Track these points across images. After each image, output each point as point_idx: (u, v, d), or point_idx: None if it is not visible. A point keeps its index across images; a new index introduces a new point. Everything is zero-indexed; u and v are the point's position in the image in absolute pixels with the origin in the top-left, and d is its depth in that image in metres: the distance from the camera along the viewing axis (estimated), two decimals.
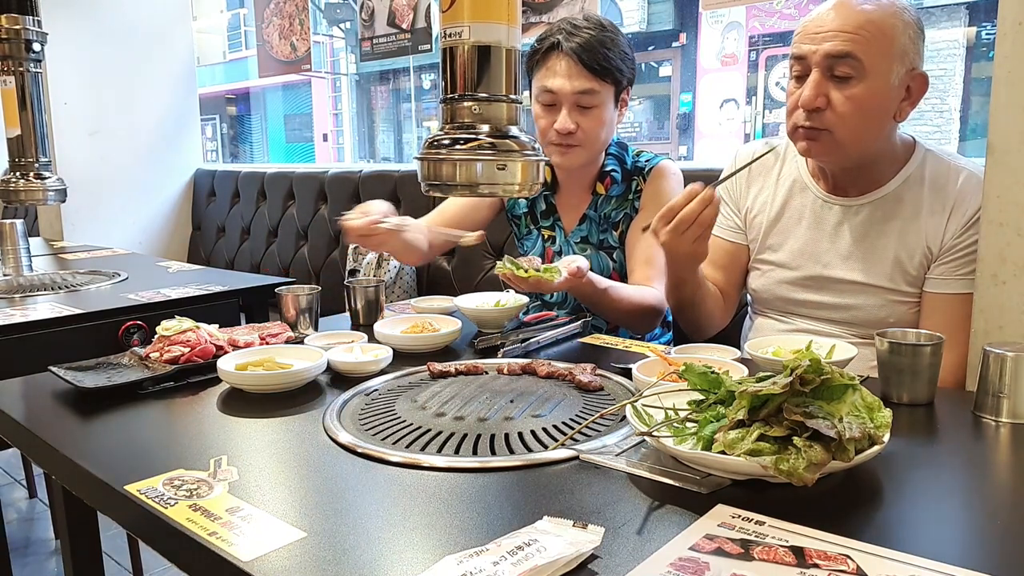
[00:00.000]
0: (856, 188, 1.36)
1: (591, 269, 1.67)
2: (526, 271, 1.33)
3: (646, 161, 1.72)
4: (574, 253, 1.71)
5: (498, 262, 1.39)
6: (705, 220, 1.22)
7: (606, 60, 1.56)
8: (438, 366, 1.20)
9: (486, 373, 1.21)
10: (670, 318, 1.76)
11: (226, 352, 1.26)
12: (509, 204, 1.84)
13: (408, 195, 2.69)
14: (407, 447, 0.92)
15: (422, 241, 1.63)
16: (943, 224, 1.29)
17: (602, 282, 1.47)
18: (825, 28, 1.23)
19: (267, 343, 1.33)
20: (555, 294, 1.75)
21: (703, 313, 1.47)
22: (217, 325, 1.34)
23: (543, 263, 1.40)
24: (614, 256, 1.71)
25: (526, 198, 1.79)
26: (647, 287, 1.57)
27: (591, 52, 1.54)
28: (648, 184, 1.68)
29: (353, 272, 2.66)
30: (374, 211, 1.46)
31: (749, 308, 1.60)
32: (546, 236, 1.78)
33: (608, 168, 1.70)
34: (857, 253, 1.35)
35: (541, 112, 1.62)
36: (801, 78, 1.27)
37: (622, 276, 1.68)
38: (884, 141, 1.30)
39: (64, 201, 2.34)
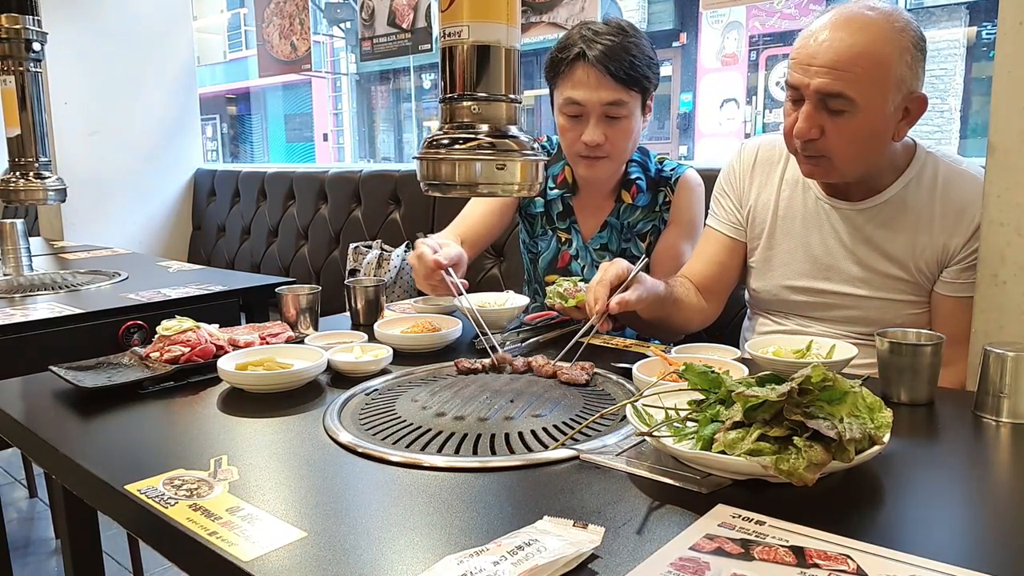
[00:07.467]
0: (858, 192, 1.36)
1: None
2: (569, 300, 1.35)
3: (671, 170, 1.68)
4: (592, 260, 1.69)
5: (548, 291, 1.42)
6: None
7: (632, 68, 1.50)
8: (466, 363, 1.21)
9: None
10: None
11: (226, 352, 1.26)
12: (524, 202, 1.78)
13: (408, 195, 2.69)
14: (407, 447, 0.92)
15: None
16: (954, 229, 1.28)
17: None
18: (818, 61, 1.20)
19: (267, 343, 1.33)
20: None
21: (674, 326, 1.49)
22: (217, 325, 1.34)
23: (579, 281, 1.42)
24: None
25: (535, 196, 1.76)
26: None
27: (617, 61, 1.48)
28: (676, 197, 1.66)
29: (353, 272, 2.66)
30: (444, 256, 1.46)
31: (748, 308, 1.59)
32: (562, 239, 1.73)
33: (633, 176, 1.66)
34: (857, 256, 1.35)
35: (567, 124, 1.56)
36: (797, 101, 1.27)
37: None
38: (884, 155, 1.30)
39: (64, 201, 2.34)
